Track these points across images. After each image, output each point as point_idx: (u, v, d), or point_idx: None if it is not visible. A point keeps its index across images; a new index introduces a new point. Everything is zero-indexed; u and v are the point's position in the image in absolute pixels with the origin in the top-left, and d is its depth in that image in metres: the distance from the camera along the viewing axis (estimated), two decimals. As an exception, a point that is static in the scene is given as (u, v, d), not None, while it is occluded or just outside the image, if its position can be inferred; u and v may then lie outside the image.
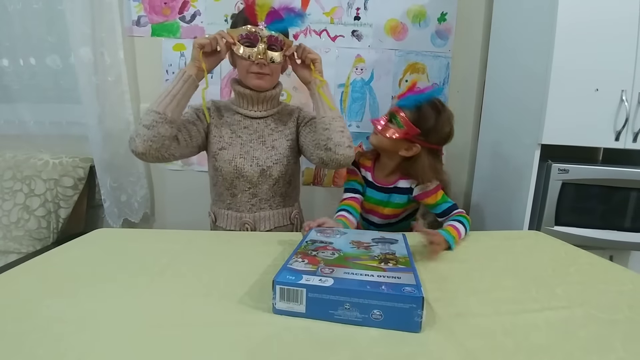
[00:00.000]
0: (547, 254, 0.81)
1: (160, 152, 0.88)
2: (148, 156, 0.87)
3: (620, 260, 1.36)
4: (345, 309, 0.49)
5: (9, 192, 1.47)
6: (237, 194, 1.03)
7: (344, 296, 0.49)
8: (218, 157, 1.01)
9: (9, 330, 0.47)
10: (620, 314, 0.54)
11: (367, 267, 0.56)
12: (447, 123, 0.97)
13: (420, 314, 0.47)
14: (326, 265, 0.57)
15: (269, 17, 0.92)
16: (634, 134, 1.17)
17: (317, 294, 0.50)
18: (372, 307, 0.49)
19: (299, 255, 0.61)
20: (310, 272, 0.54)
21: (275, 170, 1.02)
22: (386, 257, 0.61)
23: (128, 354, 0.43)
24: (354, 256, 0.61)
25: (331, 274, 0.54)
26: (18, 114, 1.58)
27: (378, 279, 0.52)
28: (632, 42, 1.12)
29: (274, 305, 0.52)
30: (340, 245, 0.67)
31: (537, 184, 1.24)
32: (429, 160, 0.98)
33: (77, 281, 0.63)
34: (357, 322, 0.49)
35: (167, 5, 1.53)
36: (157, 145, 0.86)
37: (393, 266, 0.57)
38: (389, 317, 0.48)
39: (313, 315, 0.51)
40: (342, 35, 1.57)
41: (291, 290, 0.51)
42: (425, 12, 1.57)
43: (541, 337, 0.48)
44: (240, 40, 0.93)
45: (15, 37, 1.50)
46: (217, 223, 1.07)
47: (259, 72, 0.96)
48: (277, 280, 0.52)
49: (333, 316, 0.50)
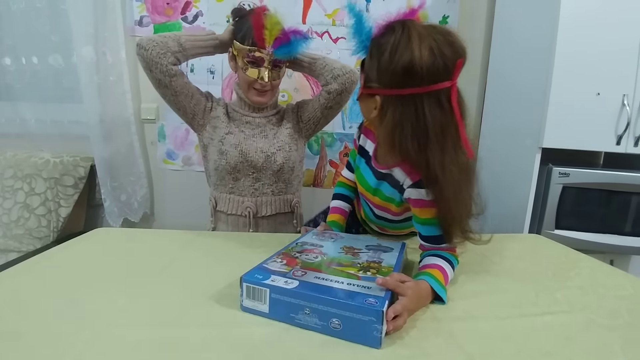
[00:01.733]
0: (547, 257, 0.81)
1: (160, 57, 0.93)
2: (148, 52, 0.93)
3: (620, 265, 1.35)
4: (306, 314, 0.48)
5: (9, 191, 1.47)
6: (240, 178, 1.04)
7: (304, 300, 0.48)
8: (225, 140, 1.03)
9: (8, 329, 0.47)
10: (620, 318, 0.54)
11: (342, 273, 0.54)
12: (403, 47, 0.59)
13: (379, 328, 0.44)
14: (302, 267, 0.56)
15: (277, 42, 0.95)
16: (635, 139, 1.17)
17: (279, 295, 0.49)
18: (330, 315, 0.46)
19: (281, 255, 0.61)
20: (281, 273, 0.54)
21: (279, 156, 1.04)
22: (370, 265, 0.59)
23: (127, 353, 0.43)
24: (337, 261, 0.60)
25: (301, 277, 0.52)
26: (19, 112, 1.58)
27: (347, 287, 0.50)
28: (633, 47, 1.12)
29: (242, 302, 0.52)
30: (329, 249, 0.66)
31: (538, 187, 1.24)
32: (397, 117, 0.61)
33: (77, 280, 0.62)
34: (316, 329, 0.48)
35: (170, 6, 1.53)
36: (159, 50, 0.93)
37: (371, 275, 0.54)
38: (347, 328, 0.46)
39: (275, 317, 0.50)
40: (343, 37, 1.57)
41: (256, 289, 0.51)
42: (427, 15, 1.56)
43: (541, 341, 0.48)
44: (245, 58, 0.97)
45: (17, 35, 1.51)
46: (218, 208, 1.07)
47: (261, 89, 1.02)
48: (245, 278, 0.52)
49: (294, 320, 0.49)
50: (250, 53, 0.96)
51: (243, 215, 1.04)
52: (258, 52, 0.95)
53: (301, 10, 1.55)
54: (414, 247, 0.74)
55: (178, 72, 0.97)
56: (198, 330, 0.48)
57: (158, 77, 0.95)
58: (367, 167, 0.81)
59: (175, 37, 0.97)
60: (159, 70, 0.94)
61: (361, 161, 0.83)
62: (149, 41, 0.93)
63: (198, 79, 1.56)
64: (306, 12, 1.55)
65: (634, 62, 1.13)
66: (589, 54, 1.13)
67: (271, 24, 0.94)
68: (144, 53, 0.93)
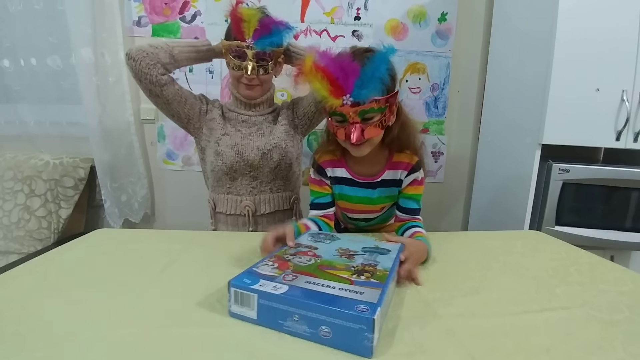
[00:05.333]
0: (547, 254, 0.81)
1: (150, 69, 0.93)
2: (137, 63, 0.92)
3: (621, 261, 1.36)
4: (294, 321, 0.45)
5: (9, 193, 1.47)
6: (238, 177, 1.04)
7: (292, 307, 0.45)
8: (221, 142, 1.02)
9: (9, 330, 0.47)
10: (620, 314, 0.54)
11: (335, 278, 0.52)
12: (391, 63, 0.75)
13: (370, 337, 0.41)
14: (294, 271, 0.53)
15: (256, 33, 0.94)
16: (634, 134, 1.17)
17: (267, 301, 0.47)
18: (320, 323, 0.44)
19: (273, 258, 0.59)
20: (271, 277, 0.51)
21: (275, 152, 1.03)
22: (364, 268, 0.56)
23: (128, 354, 0.43)
24: (330, 265, 0.57)
25: (291, 281, 0.50)
26: (19, 114, 1.58)
27: (338, 292, 0.47)
28: (633, 42, 1.12)
29: (229, 308, 0.50)
30: (324, 251, 0.63)
31: (538, 184, 1.24)
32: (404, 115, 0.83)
33: (78, 281, 0.63)
34: (305, 336, 0.45)
35: (168, 6, 1.53)
36: (148, 61, 0.93)
37: (365, 279, 0.51)
38: (337, 336, 0.43)
39: (264, 323, 0.48)
40: (342, 36, 1.57)
41: (244, 294, 0.48)
42: (426, 12, 1.57)
43: (541, 337, 0.48)
44: (230, 53, 0.97)
45: (16, 37, 1.51)
46: (217, 209, 1.07)
47: (248, 83, 1.01)
48: (232, 283, 0.50)
49: (282, 327, 0.46)
50: (233, 47, 0.96)
51: (242, 214, 1.04)
52: (239, 45, 0.95)
53: (299, 9, 1.55)
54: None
55: (168, 80, 0.97)
56: (199, 330, 0.48)
57: (148, 87, 0.95)
58: (354, 188, 0.87)
59: (167, 48, 0.96)
60: (149, 80, 0.94)
61: (342, 188, 0.88)
62: (138, 52, 0.92)
63: (197, 79, 1.57)
64: (304, 10, 1.55)
65: (633, 57, 1.13)
66: (588, 50, 1.13)
67: (248, 15, 0.93)
68: (133, 64, 0.92)
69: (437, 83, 1.63)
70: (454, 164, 1.72)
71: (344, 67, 0.70)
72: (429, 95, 1.64)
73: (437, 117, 1.66)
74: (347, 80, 0.70)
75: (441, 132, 1.68)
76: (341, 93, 0.71)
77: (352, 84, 0.70)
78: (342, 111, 0.72)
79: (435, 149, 1.69)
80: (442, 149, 1.70)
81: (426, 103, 1.65)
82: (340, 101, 0.71)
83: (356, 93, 0.70)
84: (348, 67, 0.70)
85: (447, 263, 0.74)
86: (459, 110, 1.67)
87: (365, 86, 0.70)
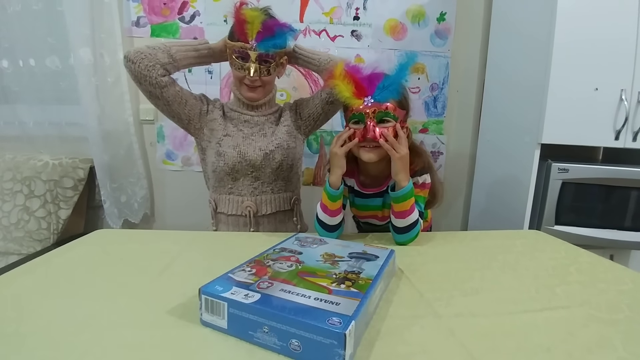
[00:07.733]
0: (547, 253, 0.81)
1: (149, 70, 0.92)
2: (135, 65, 0.92)
3: (620, 260, 1.36)
4: (264, 333, 0.43)
5: (8, 194, 1.47)
6: (239, 178, 1.04)
7: (262, 317, 0.43)
8: (222, 142, 1.02)
9: (9, 331, 0.47)
10: (620, 313, 0.54)
11: (313, 286, 0.49)
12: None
13: (341, 354, 0.38)
14: (271, 278, 0.51)
15: (260, 35, 0.94)
16: (633, 133, 1.18)
17: (237, 310, 0.45)
18: (290, 336, 0.41)
19: (252, 263, 0.57)
20: (245, 284, 0.49)
21: (277, 153, 1.03)
22: (347, 276, 0.53)
23: (128, 354, 0.43)
24: (311, 271, 0.54)
25: (265, 289, 0.47)
26: (18, 115, 1.58)
27: (313, 303, 0.44)
28: (631, 41, 1.12)
29: (201, 316, 0.48)
30: (308, 257, 0.61)
31: (537, 183, 1.24)
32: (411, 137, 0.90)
33: (78, 282, 0.62)
34: (276, 349, 0.42)
35: (167, 6, 1.53)
36: (147, 63, 0.92)
37: (345, 288, 0.49)
38: (308, 350, 0.40)
39: (234, 334, 0.46)
40: (341, 35, 1.57)
41: (215, 302, 0.46)
42: (425, 12, 1.57)
43: (541, 337, 0.48)
44: (233, 54, 0.97)
45: (14, 38, 1.50)
46: (219, 209, 1.07)
47: (251, 85, 1.01)
48: (203, 290, 0.48)
49: (253, 338, 0.44)
50: (236, 48, 0.96)
51: (243, 215, 1.04)
52: (242, 47, 0.95)
53: (298, 9, 1.55)
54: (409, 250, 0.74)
55: (168, 82, 0.96)
56: (199, 330, 0.48)
57: (148, 90, 0.95)
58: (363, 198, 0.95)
59: (165, 48, 0.95)
60: (148, 82, 0.93)
61: (353, 198, 0.97)
62: (136, 53, 0.92)
63: (196, 79, 1.56)
64: (303, 10, 1.55)
65: (632, 56, 1.13)
66: (586, 49, 1.13)
67: (251, 17, 0.93)
68: (132, 66, 0.92)
69: (436, 83, 1.63)
70: (453, 164, 1.72)
71: (370, 74, 0.83)
72: (428, 95, 1.64)
73: (436, 116, 1.66)
74: (371, 84, 0.82)
75: (440, 132, 1.68)
76: (363, 95, 0.82)
77: (374, 87, 0.81)
78: (362, 111, 0.81)
79: (434, 149, 1.70)
80: (442, 148, 1.70)
81: (425, 103, 1.65)
82: (362, 101, 0.81)
83: (377, 94, 0.81)
84: (373, 74, 0.83)
85: (447, 263, 0.74)
86: (458, 110, 1.67)
87: (385, 89, 0.81)
